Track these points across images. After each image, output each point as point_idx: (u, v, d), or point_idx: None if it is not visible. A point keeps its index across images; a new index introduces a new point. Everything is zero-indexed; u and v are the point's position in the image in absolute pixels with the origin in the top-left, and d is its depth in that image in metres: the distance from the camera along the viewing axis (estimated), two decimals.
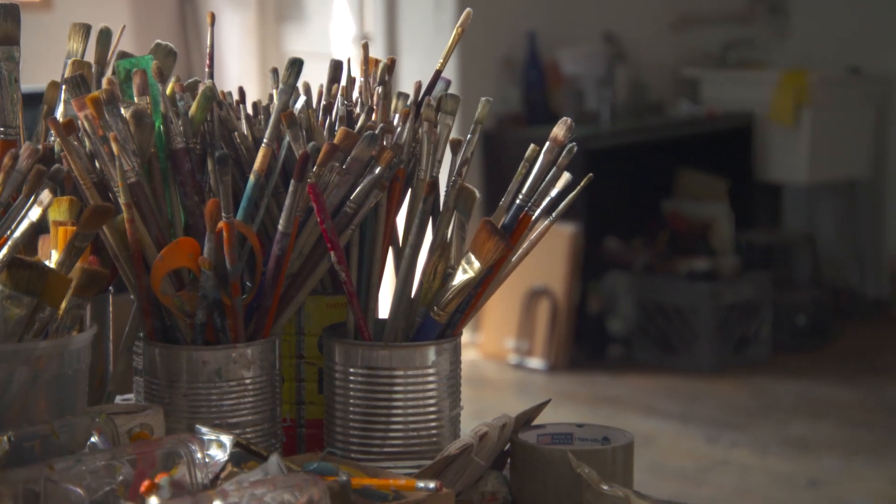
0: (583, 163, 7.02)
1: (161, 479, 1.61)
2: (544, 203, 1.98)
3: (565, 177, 1.97)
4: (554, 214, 2.00)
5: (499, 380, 6.90)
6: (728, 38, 7.90)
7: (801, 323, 7.19)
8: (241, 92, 2.12)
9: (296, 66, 1.98)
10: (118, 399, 2.07)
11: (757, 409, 6.42)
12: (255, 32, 7.33)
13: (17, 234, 1.71)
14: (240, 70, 7.08)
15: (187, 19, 7.62)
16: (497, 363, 7.09)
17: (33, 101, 2.13)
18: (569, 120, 1.98)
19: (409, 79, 2.16)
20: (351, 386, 1.98)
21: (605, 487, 1.85)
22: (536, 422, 2.05)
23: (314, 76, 2.15)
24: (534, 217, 1.98)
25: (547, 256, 6.90)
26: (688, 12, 7.83)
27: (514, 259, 2.01)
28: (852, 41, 7.72)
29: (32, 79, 2.32)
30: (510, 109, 7.20)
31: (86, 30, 2.12)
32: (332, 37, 7.22)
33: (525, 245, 2.01)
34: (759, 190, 7.63)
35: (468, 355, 7.08)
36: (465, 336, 6.38)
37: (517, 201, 1.97)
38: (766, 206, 7.72)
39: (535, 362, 7.01)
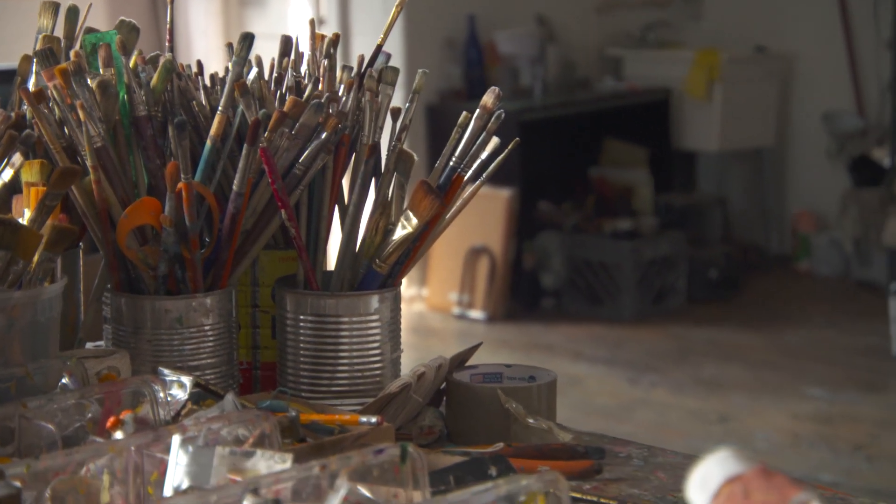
0: (517, 133, 6.96)
1: (126, 415, 1.60)
2: (475, 165, 1.97)
3: (494, 141, 1.96)
4: (484, 175, 1.98)
5: (443, 329, 6.91)
6: (647, 20, 7.91)
7: (713, 276, 7.22)
8: (200, 65, 2.11)
9: (247, 40, 1.97)
10: (88, 345, 2.05)
11: (673, 354, 6.45)
12: (220, 15, 7.28)
13: None
14: (206, 50, 6.99)
15: (158, 1, 7.58)
16: (441, 314, 7.10)
17: (10, 77, 2.11)
18: (497, 89, 1.96)
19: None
20: (301, 332, 1.98)
21: (531, 420, 1.86)
22: (469, 363, 2.04)
23: (273, 55, 2.14)
24: (466, 177, 1.97)
25: (485, 218, 6.92)
26: None
27: (448, 216, 2.01)
28: (758, 23, 7.74)
29: (9, 58, 2.28)
30: (452, 85, 7.20)
31: (55, 7, 2.09)
32: (290, 19, 7.19)
33: (458, 203, 2.00)
34: (675, 157, 7.65)
35: (415, 307, 7.11)
36: (413, 290, 6.40)
37: (451, 163, 1.96)
38: (682, 171, 7.74)
39: (476, 313, 7.02)
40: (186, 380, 1.74)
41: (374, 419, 1.73)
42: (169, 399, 1.72)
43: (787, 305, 7.14)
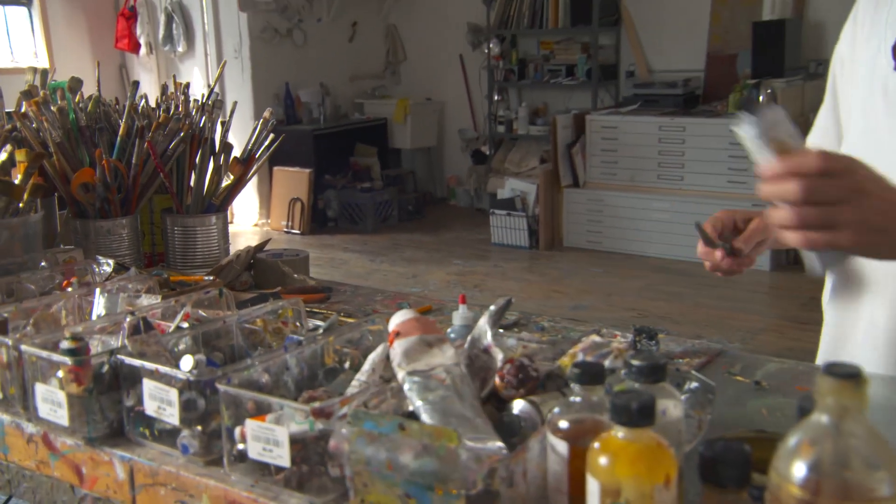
0: (312, 142, 6.90)
1: (73, 280, 1.52)
2: (261, 149, 1.90)
3: (271, 137, 1.91)
4: (267, 154, 1.92)
5: (278, 238, 6.75)
6: (374, 84, 7.84)
7: (410, 208, 7.24)
8: (116, 100, 2.00)
9: (134, 85, 1.87)
10: (62, 246, 1.93)
11: (391, 246, 6.46)
12: (157, 82, 6.95)
13: None
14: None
15: (122, 74, 7.19)
16: (277, 232, 6.95)
17: None
18: (271, 108, 1.92)
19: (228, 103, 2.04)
20: (176, 235, 1.91)
21: (296, 276, 1.83)
22: (267, 248, 1.99)
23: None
24: (257, 156, 1.91)
25: (298, 184, 6.83)
26: (357, 73, 7.74)
27: (248, 175, 1.94)
28: (427, 86, 7.78)
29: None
30: (279, 117, 7.02)
31: (34, 70, 1.94)
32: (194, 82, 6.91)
33: (254, 168, 1.93)
34: (390, 151, 7.59)
35: (264, 229, 6.95)
36: (262, 220, 6.09)
37: (249, 147, 1.89)
38: (394, 158, 7.69)
39: (295, 231, 6.90)
40: (111, 261, 1.65)
41: (211, 278, 1.67)
42: (102, 272, 1.63)
43: (445, 221, 7.20)
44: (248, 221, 7.20)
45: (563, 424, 0.86)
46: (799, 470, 0.67)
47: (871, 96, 1.17)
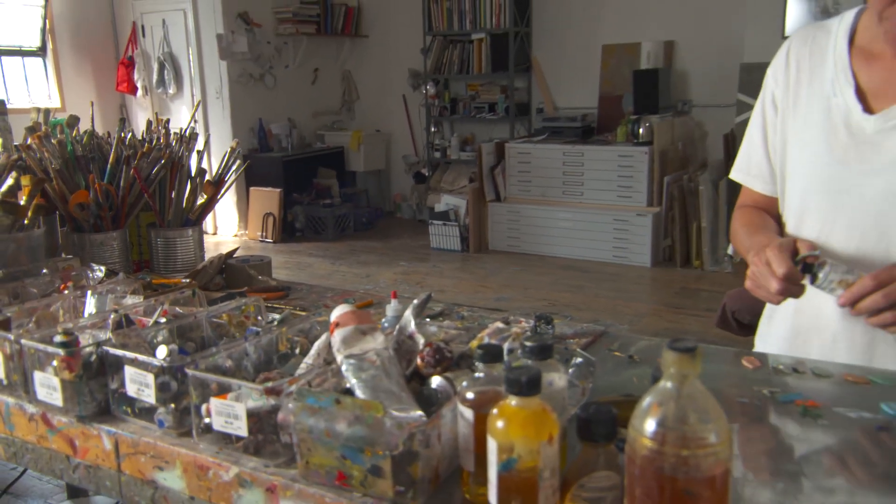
0: (282, 167, 6.80)
1: (70, 284, 1.46)
2: (230, 171, 1.86)
3: (239, 161, 1.87)
4: (235, 176, 1.88)
5: (254, 247, 6.62)
6: (333, 119, 7.76)
7: (364, 220, 7.18)
8: (108, 133, 1.93)
9: (122, 121, 1.81)
10: (63, 255, 1.86)
11: (349, 252, 6.39)
12: (151, 115, 6.76)
13: (4, 188, 1.50)
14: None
15: (121, 112, 6.97)
16: (254, 241, 6.82)
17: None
18: (237, 139, 1.87)
19: (211, 137, 1.98)
20: (159, 245, 1.85)
21: (260, 277, 1.77)
22: (237, 255, 1.94)
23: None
24: (226, 179, 1.86)
25: (270, 201, 6.70)
26: (318, 109, 7.66)
27: (219, 195, 1.89)
28: (376, 120, 7.73)
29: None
30: (254, 147, 6.88)
31: (37, 110, 1.87)
32: (183, 118, 6.74)
33: (224, 189, 1.89)
34: (346, 174, 7.52)
35: (243, 239, 6.81)
36: (241, 231, 5.96)
37: (219, 171, 1.85)
38: (350, 179, 7.62)
39: (268, 240, 6.78)
40: (103, 268, 1.60)
41: (188, 280, 1.63)
42: (95, 277, 1.58)
43: (392, 230, 7.15)
44: (229, 233, 7.06)
45: (470, 395, 0.86)
46: (650, 425, 0.69)
47: (834, 131, 1.15)
